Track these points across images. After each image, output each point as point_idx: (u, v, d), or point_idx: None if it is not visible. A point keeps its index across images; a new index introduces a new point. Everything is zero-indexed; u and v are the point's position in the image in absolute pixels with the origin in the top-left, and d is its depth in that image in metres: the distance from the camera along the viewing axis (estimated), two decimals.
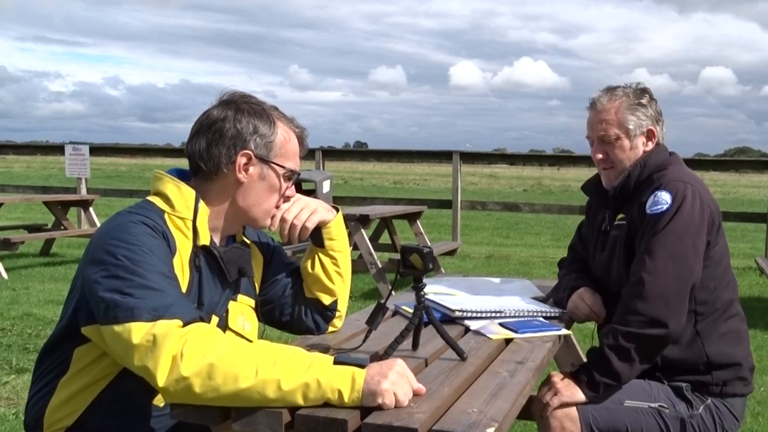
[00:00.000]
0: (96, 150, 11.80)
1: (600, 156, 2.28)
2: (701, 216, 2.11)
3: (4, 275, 7.19)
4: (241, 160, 1.67)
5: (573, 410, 2.05)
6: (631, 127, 2.24)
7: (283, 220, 1.77)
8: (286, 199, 1.78)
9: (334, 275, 1.91)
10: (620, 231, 2.24)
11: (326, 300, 1.93)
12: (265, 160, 1.69)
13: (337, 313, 1.98)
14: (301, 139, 1.77)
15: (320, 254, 1.89)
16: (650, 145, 2.27)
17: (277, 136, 1.70)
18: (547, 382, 2.11)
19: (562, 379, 2.08)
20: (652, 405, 2.11)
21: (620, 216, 2.26)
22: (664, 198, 2.11)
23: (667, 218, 2.08)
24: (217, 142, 1.66)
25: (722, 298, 2.20)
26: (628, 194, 2.26)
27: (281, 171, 1.72)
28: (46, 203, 9.07)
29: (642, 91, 2.29)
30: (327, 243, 1.88)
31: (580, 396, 2.05)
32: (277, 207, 1.76)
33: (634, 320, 2.02)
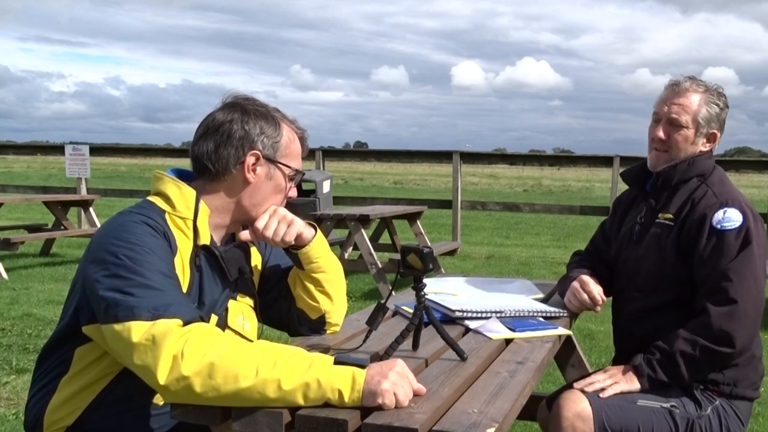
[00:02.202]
0: (96, 150, 11.80)
1: (661, 135, 2.27)
2: (765, 237, 2.16)
3: (4, 275, 7.19)
4: (250, 160, 1.69)
5: (586, 409, 2.04)
6: (702, 122, 2.25)
7: (263, 237, 1.75)
8: (288, 197, 1.79)
9: (319, 295, 1.88)
10: (665, 231, 2.23)
11: (313, 315, 1.92)
12: (272, 160, 1.71)
13: (333, 327, 1.96)
14: (302, 140, 1.80)
15: (301, 276, 1.87)
16: (707, 147, 2.29)
17: (282, 137, 1.73)
18: (603, 370, 2.17)
19: (618, 369, 2.14)
20: (664, 405, 2.11)
21: (667, 216, 2.25)
22: (735, 216, 2.12)
23: (748, 238, 2.09)
24: (225, 144, 1.68)
25: None
26: (668, 188, 2.27)
27: (287, 171, 1.74)
28: (46, 203, 9.07)
29: (721, 95, 2.30)
30: (307, 267, 1.84)
31: (636, 386, 2.10)
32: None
33: (718, 337, 2.04)
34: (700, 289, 2.13)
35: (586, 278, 2.34)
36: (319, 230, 1.87)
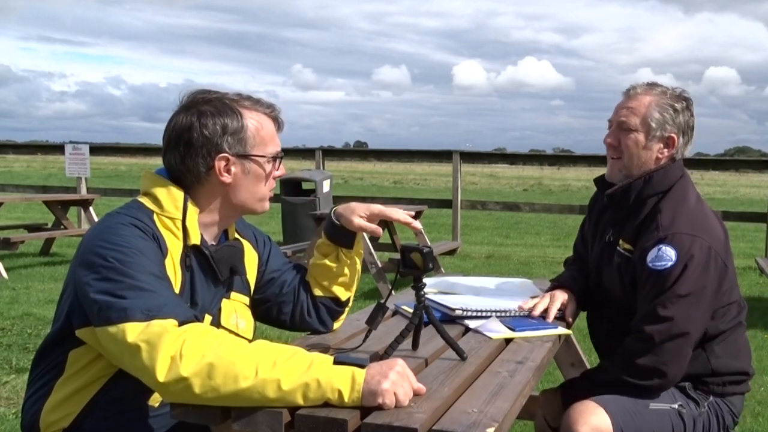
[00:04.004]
0: (96, 149, 11.82)
1: (610, 141, 2.21)
2: (708, 271, 2.04)
3: (4, 275, 7.19)
4: (220, 164, 1.65)
5: (603, 423, 1.96)
6: (653, 125, 2.15)
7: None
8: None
9: (356, 273, 1.94)
10: (624, 261, 2.18)
11: (344, 296, 1.94)
12: (243, 156, 1.67)
13: (343, 315, 2.00)
14: (273, 118, 1.74)
15: (345, 253, 1.89)
16: (665, 154, 2.18)
17: (247, 129, 1.67)
18: None
19: None
20: (673, 406, 2.10)
21: (626, 246, 2.18)
22: (668, 254, 2.02)
23: (673, 278, 2.01)
24: (189, 154, 1.63)
25: (729, 320, 2.19)
26: (626, 209, 2.20)
27: (263, 160, 1.70)
28: (46, 203, 9.07)
29: (681, 98, 2.20)
30: (356, 246, 1.90)
31: None
32: (270, 189, 1.75)
33: (635, 371, 2.04)
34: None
35: (557, 295, 2.27)
36: None
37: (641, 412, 2.05)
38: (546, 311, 2.19)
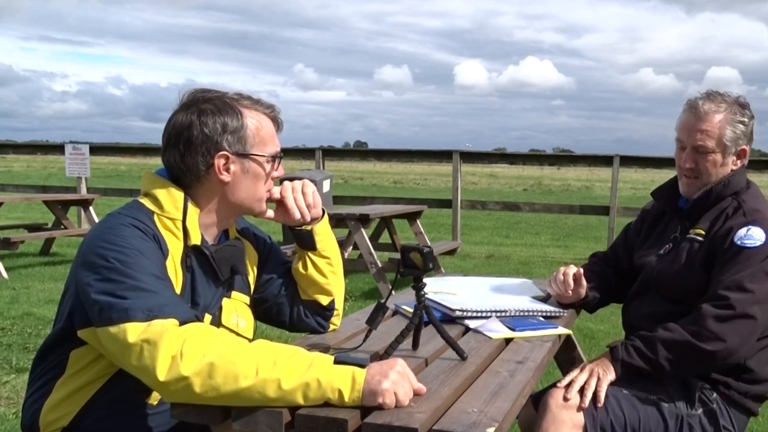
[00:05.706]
0: (96, 149, 11.80)
1: (689, 165, 2.25)
2: None
3: (4, 275, 7.19)
4: (220, 162, 1.65)
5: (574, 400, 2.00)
6: (728, 144, 2.22)
7: (290, 212, 1.78)
8: (274, 178, 1.77)
9: (330, 275, 1.90)
10: (695, 244, 2.23)
11: (324, 300, 1.92)
12: (243, 155, 1.67)
13: (335, 318, 1.98)
14: (273, 118, 1.74)
15: (312, 256, 1.88)
16: (738, 164, 2.28)
17: (247, 128, 1.67)
18: (579, 366, 2.12)
19: (595, 362, 2.10)
20: (651, 396, 2.10)
21: (698, 231, 2.24)
22: (758, 234, 2.11)
23: (762, 255, 2.08)
24: (189, 152, 1.63)
25: None
26: (704, 208, 2.26)
27: (262, 159, 1.70)
28: (46, 202, 9.07)
29: (744, 107, 2.26)
30: (319, 245, 1.87)
31: (612, 373, 2.07)
32: (268, 190, 1.75)
33: (704, 335, 2.02)
34: (703, 296, 2.10)
35: (573, 268, 2.37)
36: (326, 211, 1.90)
37: (614, 395, 2.05)
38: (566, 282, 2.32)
